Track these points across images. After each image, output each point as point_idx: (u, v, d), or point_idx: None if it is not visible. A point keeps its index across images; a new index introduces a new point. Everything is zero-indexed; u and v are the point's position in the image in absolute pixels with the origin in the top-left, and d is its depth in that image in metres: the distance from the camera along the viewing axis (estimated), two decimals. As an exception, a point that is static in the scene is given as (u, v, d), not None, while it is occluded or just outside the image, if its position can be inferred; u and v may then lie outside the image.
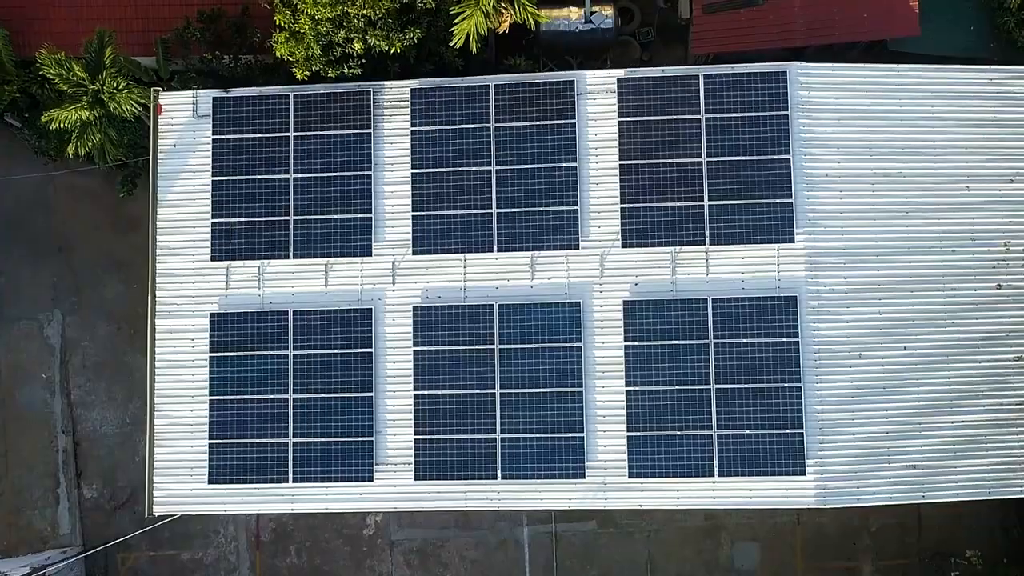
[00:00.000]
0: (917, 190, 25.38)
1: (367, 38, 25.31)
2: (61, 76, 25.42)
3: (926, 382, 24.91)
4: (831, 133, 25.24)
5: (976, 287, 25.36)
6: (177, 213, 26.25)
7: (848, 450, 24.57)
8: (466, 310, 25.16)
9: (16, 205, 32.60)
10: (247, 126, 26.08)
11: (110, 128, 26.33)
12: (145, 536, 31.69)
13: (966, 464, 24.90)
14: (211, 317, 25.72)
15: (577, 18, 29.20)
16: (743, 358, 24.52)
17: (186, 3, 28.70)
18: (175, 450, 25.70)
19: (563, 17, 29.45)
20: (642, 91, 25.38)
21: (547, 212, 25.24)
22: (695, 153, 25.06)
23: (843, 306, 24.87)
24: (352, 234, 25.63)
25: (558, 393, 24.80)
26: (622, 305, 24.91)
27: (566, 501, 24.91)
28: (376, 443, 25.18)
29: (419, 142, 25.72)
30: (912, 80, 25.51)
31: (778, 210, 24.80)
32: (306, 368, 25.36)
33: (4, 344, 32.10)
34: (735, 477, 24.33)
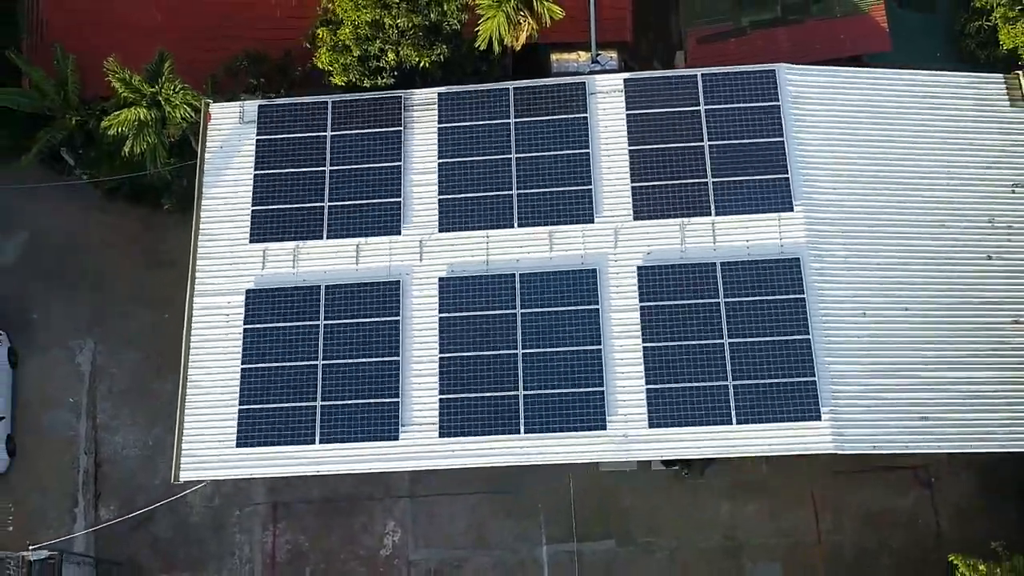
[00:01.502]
0: (901, 173, 27.73)
1: (399, 50, 28.39)
2: (123, 81, 28.26)
3: (930, 340, 26.11)
4: (819, 123, 27.89)
5: (967, 257, 27.12)
6: (219, 204, 28.32)
7: (861, 400, 25.38)
8: (489, 280, 26.71)
9: (55, 244, 34.55)
10: (288, 128, 28.71)
11: (162, 134, 28.78)
12: (156, 556, 31.39)
13: (975, 417, 25.62)
14: (247, 293, 27.18)
15: (585, 60, 32.53)
16: (753, 315, 25.85)
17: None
18: (204, 417, 26.36)
19: (572, 60, 32.81)
20: (647, 89, 28.26)
21: (563, 192, 27.38)
22: (697, 138, 27.58)
23: (844, 269, 26.51)
24: (382, 216, 27.61)
25: (578, 352, 25.89)
26: (636, 271, 26.51)
27: (589, 453, 25.38)
28: (402, 404, 25.93)
29: (445, 137, 28.26)
30: (885, 81, 28.54)
31: (776, 184, 26.99)
32: (336, 336, 26.54)
33: (36, 371, 33.04)
34: (753, 424, 24.98)
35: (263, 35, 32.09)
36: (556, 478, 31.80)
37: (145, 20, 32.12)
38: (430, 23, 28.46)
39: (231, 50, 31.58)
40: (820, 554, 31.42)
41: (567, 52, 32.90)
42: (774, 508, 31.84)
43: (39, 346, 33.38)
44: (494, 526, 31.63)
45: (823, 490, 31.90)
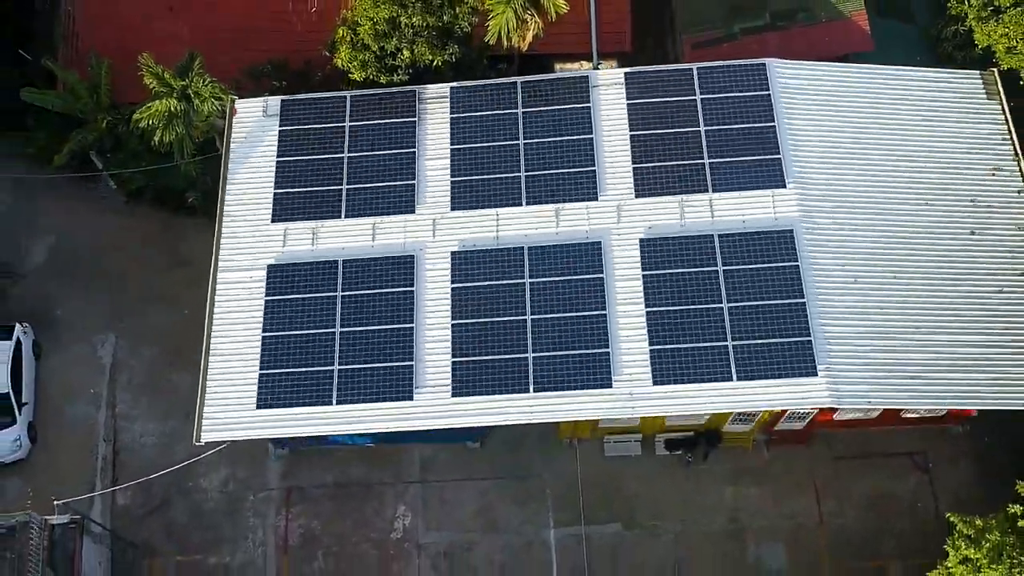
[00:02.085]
0: (887, 157, 29.50)
1: (414, 48, 30.41)
2: (155, 76, 30.15)
3: (919, 306, 27.45)
4: (809, 111, 29.76)
5: (952, 232, 28.67)
6: (242, 188, 29.95)
7: (855, 359, 26.55)
8: (499, 253, 28.17)
9: (81, 246, 35.99)
10: (309, 120, 30.54)
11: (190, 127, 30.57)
12: (172, 541, 32.01)
13: (963, 377, 26.77)
14: (268, 269, 28.57)
15: (587, 69, 34.56)
16: (750, 281, 27.23)
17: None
18: (225, 382, 27.43)
19: (575, 68, 34.89)
20: (645, 82, 30.20)
21: (568, 173, 29.05)
22: (694, 124, 29.39)
23: (836, 240, 28.00)
24: (398, 197, 29.21)
25: (584, 317, 27.17)
26: (638, 243, 27.98)
27: (596, 410, 26.39)
28: (416, 368, 27.05)
29: (457, 126, 30.07)
30: (870, 75, 30.51)
31: (770, 164, 28.69)
32: (352, 306, 27.83)
33: (59, 363, 34.10)
34: (752, 381, 26.10)
35: (284, 47, 34.14)
36: (563, 463, 32.70)
37: (173, 33, 34.15)
38: (443, 24, 30.49)
39: (255, 61, 33.55)
40: (823, 536, 32.06)
41: (570, 62, 34.98)
42: (776, 493, 32.60)
43: (62, 341, 34.51)
44: (502, 510, 32.30)
45: (824, 476, 32.75)
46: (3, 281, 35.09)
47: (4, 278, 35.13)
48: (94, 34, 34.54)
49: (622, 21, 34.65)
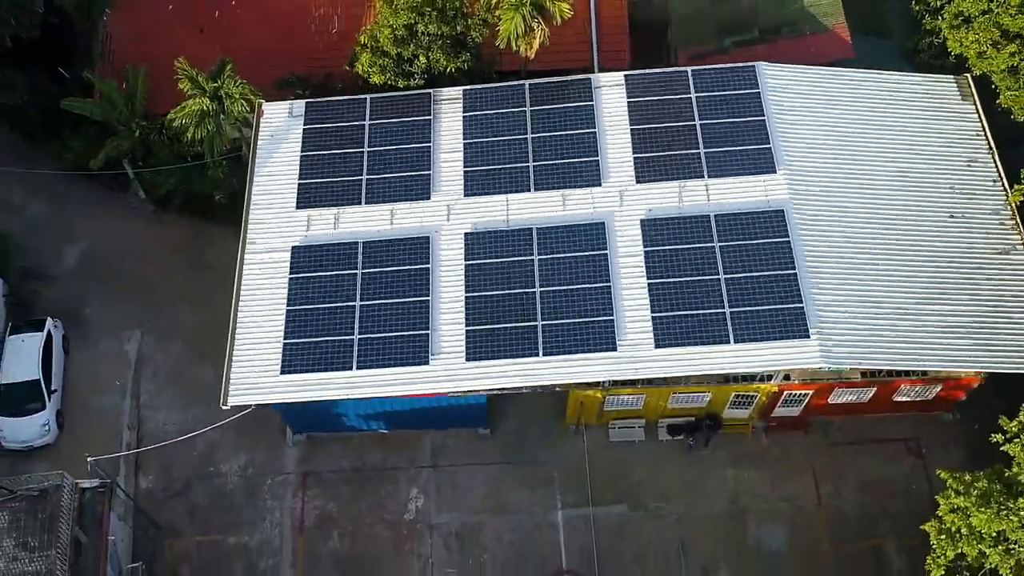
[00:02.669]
0: (872, 149, 31.78)
1: (430, 55, 32.90)
2: (190, 77, 32.57)
3: (903, 278, 29.32)
4: (796, 108, 32.12)
5: (933, 215, 30.73)
6: (269, 179, 32.08)
7: (845, 325, 28.25)
8: (509, 233, 30.12)
9: (111, 251, 37.89)
10: (332, 120, 32.85)
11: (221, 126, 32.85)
12: (193, 523, 33.08)
13: (945, 342, 28.53)
14: (293, 250, 30.47)
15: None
16: (745, 256, 29.11)
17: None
18: (251, 351, 29.07)
19: (578, 82, 37.26)
20: (644, 83, 32.62)
21: (574, 163, 31.23)
22: (690, 119, 31.67)
23: (824, 219, 30.02)
24: (414, 186, 31.31)
25: (590, 288, 28.96)
26: (640, 223, 29.94)
27: (601, 371, 27.93)
28: (431, 337, 28.71)
29: (469, 123, 32.37)
30: (853, 77, 32.94)
31: (761, 153, 30.87)
32: (372, 282, 29.64)
33: (87, 358, 35.65)
34: (749, 343, 27.73)
35: (308, 63, 36.67)
36: (570, 449, 33.98)
37: (202, 51, 36.56)
38: (456, 33, 33.03)
39: (280, 76, 36.04)
40: (821, 518, 33.14)
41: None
42: (775, 477, 33.80)
43: (91, 337, 36.13)
44: (512, 493, 33.45)
45: (821, 461, 34.02)
46: (36, 283, 36.89)
47: (37, 280, 36.92)
48: (129, 52, 37.03)
49: (621, 40, 37.19)
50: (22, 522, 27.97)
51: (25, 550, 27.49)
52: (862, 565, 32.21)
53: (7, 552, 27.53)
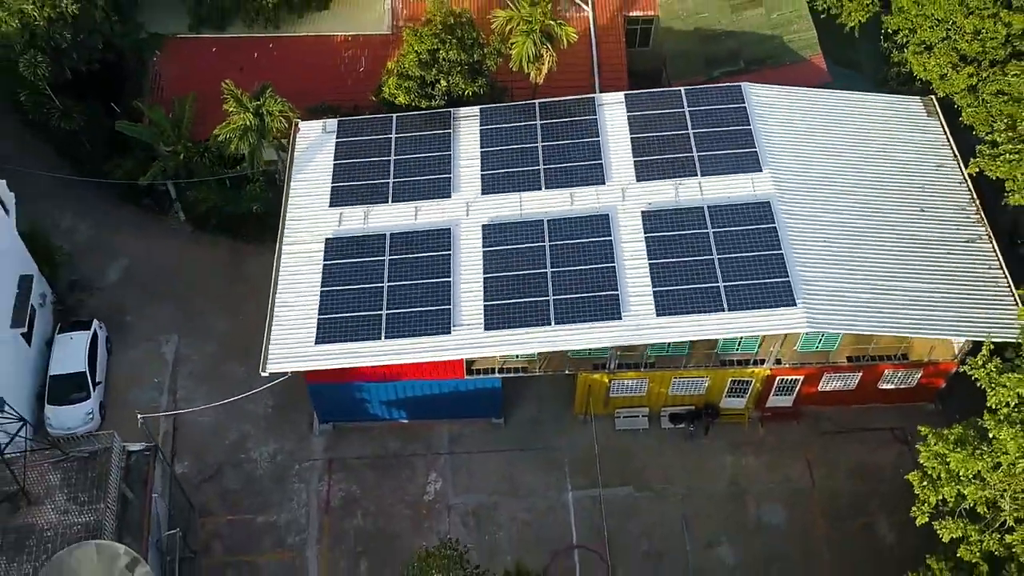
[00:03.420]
0: (846, 154, 35.34)
1: (450, 79, 36.84)
2: (235, 97, 36.38)
3: (879, 261, 32.45)
4: (779, 120, 35.84)
5: (905, 208, 34.11)
6: (304, 183, 35.50)
7: (827, 298, 31.19)
8: (523, 224, 33.36)
9: (151, 267, 40.95)
10: (362, 134, 36.52)
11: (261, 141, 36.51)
12: (225, 504, 35.15)
13: (916, 314, 31.37)
14: (326, 241, 33.64)
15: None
16: (736, 239, 32.27)
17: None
18: (288, 325, 31.85)
19: (581, 114, 41.14)
20: (642, 100, 36.46)
21: (580, 166, 34.73)
22: (683, 128, 35.36)
23: (806, 209, 33.32)
24: (436, 187, 34.71)
25: (596, 269, 32.01)
26: (640, 214, 33.24)
27: (608, 337, 30.69)
28: (453, 311, 31.57)
29: (486, 135, 36.02)
30: (830, 96, 36.83)
31: (748, 156, 34.42)
32: (398, 267, 32.68)
33: (128, 358, 38.31)
34: (742, 311, 30.63)
35: (337, 97, 40.58)
36: (578, 437, 36.34)
37: (242, 86, 40.43)
38: (473, 61, 37.03)
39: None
40: (816, 497, 35.30)
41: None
42: (772, 462, 36.12)
43: (131, 340, 38.86)
44: (525, 477, 35.65)
45: (814, 448, 36.42)
46: (83, 293, 39.89)
47: (83, 291, 39.93)
48: (176, 87, 40.95)
49: (620, 76, 41.21)
50: (73, 480, 30.10)
51: (76, 504, 29.55)
52: (856, 540, 34.18)
53: (59, 506, 29.61)
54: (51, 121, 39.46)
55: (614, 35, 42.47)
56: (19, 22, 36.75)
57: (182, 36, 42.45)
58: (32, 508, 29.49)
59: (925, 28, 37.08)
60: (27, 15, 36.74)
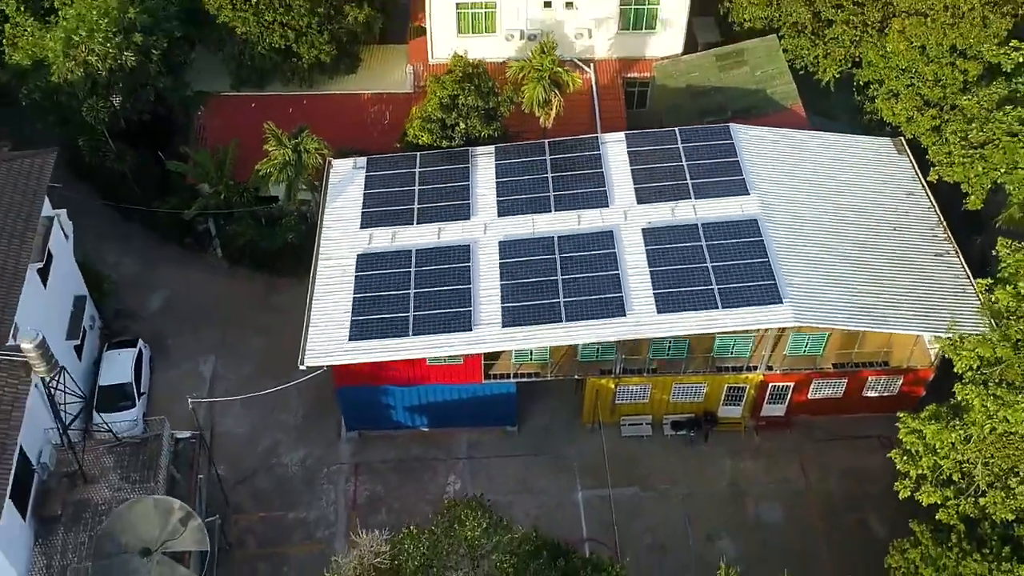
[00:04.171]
0: (824, 184, 39.40)
1: (468, 122, 41.21)
2: (275, 135, 40.61)
3: (857, 269, 36.02)
4: (762, 151, 40.00)
5: (879, 228, 37.86)
6: (337, 210, 39.33)
7: (811, 297, 34.63)
8: (535, 240, 37.09)
9: (190, 298, 44.43)
10: (389, 168, 40.64)
11: (298, 178, 40.61)
12: (258, 502, 37.73)
13: (889, 313, 34.66)
14: (358, 256, 37.31)
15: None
16: (727, 251, 35.92)
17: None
18: (324, 326, 35.11)
19: (586, 160, 45.39)
20: (641, 138, 40.75)
21: (586, 192, 38.70)
22: (678, 160, 39.49)
23: (789, 226, 37.08)
24: (457, 211, 38.55)
25: (602, 275, 35.55)
26: (641, 231, 37.02)
27: (614, 333, 33.98)
28: (473, 312, 34.94)
29: (501, 168, 40.12)
30: (807, 135, 41.18)
31: (736, 182, 38.45)
32: (423, 277, 36.17)
33: (168, 377, 41.37)
34: (734, 308, 34.05)
35: (364, 145, 44.81)
36: (587, 443, 39.17)
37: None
38: (489, 106, 41.45)
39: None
40: (811, 497, 37.91)
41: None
42: (768, 466, 38.89)
43: (171, 361, 42.04)
44: (538, 479, 38.33)
45: (807, 453, 39.22)
46: (127, 320, 43.29)
47: (127, 318, 43.36)
48: (218, 137, 45.26)
49: (620, 128, 45.57)
50: (125, 462, 32.93)
51: (128, 482, 32.29)
52: (849, 534, 36.62)
53: (112, 484, 32.33)
54: (106, 162, 43.51)
55: (614, 93, 47.01)
56: (84, 71, 41.17)
57: (225, 94, 46.98)
58: (88, 486, 32.24)
59: (892, 78, 41.59)
60: (91, 65, 41.21)
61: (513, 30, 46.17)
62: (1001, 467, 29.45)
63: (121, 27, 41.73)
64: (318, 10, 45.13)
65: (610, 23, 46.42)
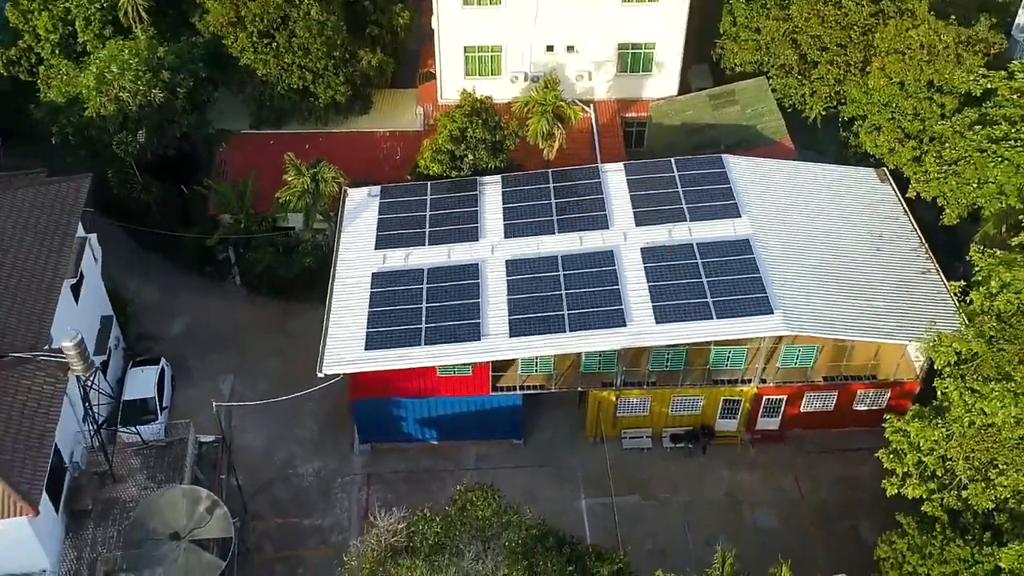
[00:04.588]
0: (812, 208, 41.81)
1: (476, 153, 43.84)
2: (294, 165, 43.19)
3: (844, 283, 38.23)
4: (753, 179, 42.50)
5: (862, 246, 40.21)
6: (353, 233, 41.68)
7: (800, 308, 36.77)
8: (540, 259, 39.38)
9: (210, 323, 46.51)
10: (401, 196, 43.14)
11: (315, 205, 43.09)
12: (275, 510, 39.34)
13: (870, 323, 36.81)
14: (373, 275, 39.55)
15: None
16: (721, 267, 38.18)
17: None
18: (341, 337, 37.15)
19: (586, 192, 47.97)
20: (638, 168, 43.34)
21: (587, 216, 41.11)
22: (674, 187, 42.00)
23: (779, 245, 39.39)
24: (466, 234, 40.90)
25: (603, 290, 37.73)
26: (640, 250, 39.33)
27: (615, 341, 36.03)
28: (482, 324, 37.04)
29: (507, 195, 42.58)
30: (796, 165, 43.79)
31: (729, 206, 40.89)
32: (434, 293, 38.37)
33: (189, 394, 43.26)
34: (728, 319, 36.19)
35: (376, 178, 47.44)
36: (590, 455, 40.90)
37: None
38: (495, 139, 44.11)
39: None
40: (805, 505, 39.54)
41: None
42: (764, 476, 40.60)
43: (192, 379, 43.93)
44: (543, 489, 39.93)
45: (800, 464, 40.93)
46: (149, 342, 45.32)
47: (149, 340, 45.41)
48: (238, 171, 47.84)
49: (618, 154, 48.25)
50: (152, 463, 34.71)
51: (154, 482, 34.02)
52: (842, 539, 38.18)
53: (139, 483, 34.07)
54: (133, 193, 45.99)
55: (613, 132, 49.79)
56: (116, 106, 43.90)
57: (244, 132, 49.74)
58: (117, 485, 33.95)
59: (874, 112, 44.35)
60: (123, 101, 43.96)
61: (517, 72, 49.13)
62: (981, 460, 31.21)
63: (150, 66, 44.56)
64: (334, 54, 48.11)
65: (609, 66, 49.39)
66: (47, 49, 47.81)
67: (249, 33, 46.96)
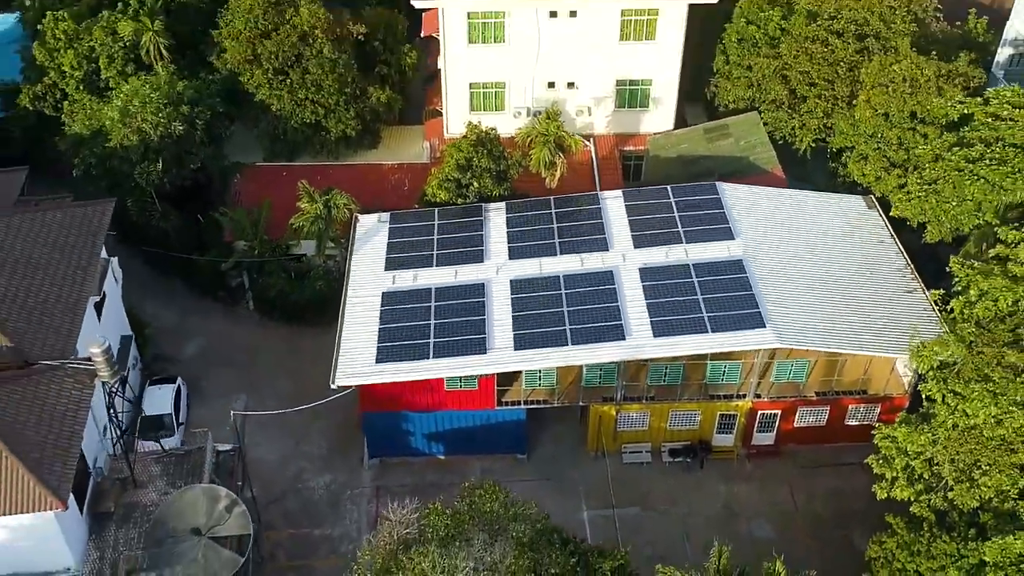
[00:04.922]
0: (802, 231, 43.79)
1: (480, 181, 45.97)
2: (307, 192, 45.25)
3: (833, 301, 40.06)
4: (746, 204, 44.55)
5: (852, 266, 42.10)
6: (363, 256, 43.60)
7: (790, 324, 38.54)
8: (543, 279, 41.25)
9: (223, 346, 48.22)
10: (410, 222, 45.17)
11: (327, 230, 45.07)
12: (287, 521, 40.68)
13: (859, 337, 38.53)
14: (383, 294, 41.40)
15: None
16: (716, 285, 40.04)
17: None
18: (353, 352, 38.84)
19: (587, 221, 50.02)
20: (636, 194, 45.44)
21: (588, 239, 43.09)
22: (670, 211, 44.05)
23: (770, 263, 41.28)
24: (472, 256, 42.83)
25: (603, 307, 39.52)
26: (638, 270, 41.23)
27: (614, 354, 37.73)
28: (487, 338, 38.76)
29: (511, 221, 44.60)
30: (779, 192, 45.94)
31: (722, 229, 42.87)
32: (442, 310, 40.17)
33: (203, 412, 44.75)
34: (722, 333, 37.94)
35: (385, 207, 49.51)
36: (591, 469, 42.34)
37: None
38: (499, 169, 46.26)
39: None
40: (799, 516, 40.89)
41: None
42: (760, 489, 41.99)
43: (206, 398, 45.47)
44: (547, 501, 40.73)
45: (795, 478, 42.33)
46: (165, 363, 46.96)
47: (165, 361, 47.06)
48: (252, 201, 49.89)
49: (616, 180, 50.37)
50: (171, 471, 36.16)
51: (173, 488, 35.46)
52: (836, 548, 39.45)
53: (159, 489, 35.48)
54: (151, 221, 47.96)
55: (612, 165, 52.00)
56: (139, 138, 46.09)
57: (258, 164, 51.92)
58: (138, 490, 35.37)
59: (861, 143, 46.56)
60: (145, 132, 46.15)
61: (520, 108, 51.49)
62: (965, 462, 32.71)
63: (171, 99, 46.85)
64: (345, 90, 50.52)
65: (607, 101, 51.76)
66: (72, 85, 50.17)
67: (265, 70, 49.37)
